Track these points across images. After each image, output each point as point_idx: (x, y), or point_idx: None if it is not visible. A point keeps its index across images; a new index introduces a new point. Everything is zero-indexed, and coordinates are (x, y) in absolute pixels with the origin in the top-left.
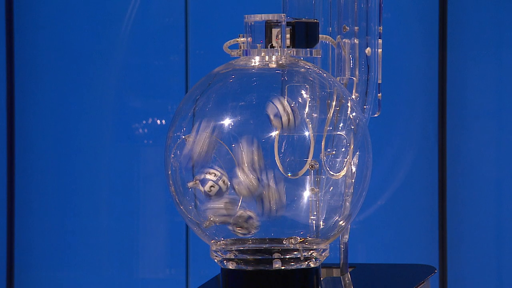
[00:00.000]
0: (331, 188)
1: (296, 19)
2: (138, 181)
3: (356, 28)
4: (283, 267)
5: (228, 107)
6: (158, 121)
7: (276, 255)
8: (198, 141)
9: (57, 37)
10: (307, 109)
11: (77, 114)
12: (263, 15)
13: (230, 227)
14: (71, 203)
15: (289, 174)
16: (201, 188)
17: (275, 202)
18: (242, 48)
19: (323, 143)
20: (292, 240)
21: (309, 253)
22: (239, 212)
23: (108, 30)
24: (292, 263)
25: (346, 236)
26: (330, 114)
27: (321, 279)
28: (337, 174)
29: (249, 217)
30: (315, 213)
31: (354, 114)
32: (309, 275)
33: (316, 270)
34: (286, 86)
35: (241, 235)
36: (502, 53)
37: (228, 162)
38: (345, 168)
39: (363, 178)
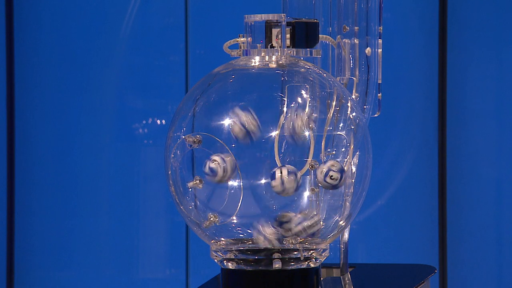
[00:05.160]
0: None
1: (296, 19)
2: (138, 181)
3: (356, 28)
4: (283, 267)
5: (228, 107)
6: (158, 121)
7: (276, 255)
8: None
9: (57, 37)
10: (307, 109)
11: (77, 114)
12: (263, 15)
13: None
14: (71, 203)
15: None
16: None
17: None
18: (242, 48)
19: (323, 143)
20: (292, 240)
21: (309, 253)
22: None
23: (108, 30)
24: (292, 263)
25: (346, 236)
26: (330, 114)
27: (321, 279)
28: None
29: None
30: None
31: (354, 114)
32: (309, 275)
33: (316, 270)
34: (286, 86)
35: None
36: (502, 53)
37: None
38: (345, 168)
39: (363, 178)
